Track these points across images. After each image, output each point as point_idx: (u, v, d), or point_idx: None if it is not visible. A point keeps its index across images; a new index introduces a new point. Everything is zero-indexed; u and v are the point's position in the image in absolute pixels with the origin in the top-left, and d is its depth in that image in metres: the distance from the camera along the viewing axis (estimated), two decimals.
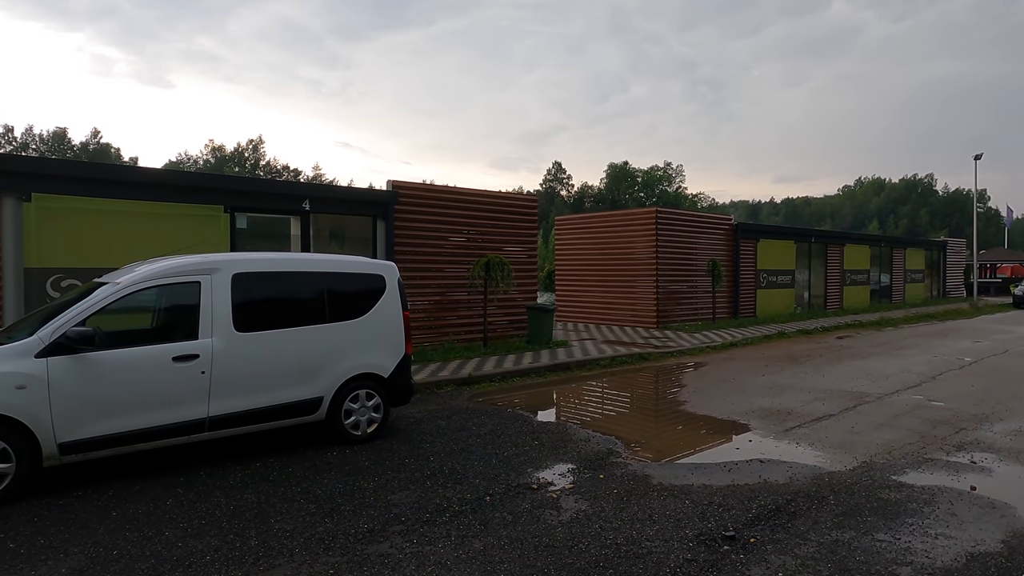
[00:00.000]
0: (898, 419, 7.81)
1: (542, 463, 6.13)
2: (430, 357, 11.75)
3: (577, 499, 5.16)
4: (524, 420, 7.88)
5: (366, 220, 12.04)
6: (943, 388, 9.71)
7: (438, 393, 9.54)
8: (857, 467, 6.01)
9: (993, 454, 6.41)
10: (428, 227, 12.82)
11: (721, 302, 19.45)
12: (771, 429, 7.42)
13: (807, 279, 23.27)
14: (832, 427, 7.47)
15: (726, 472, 5.85)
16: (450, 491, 5.34)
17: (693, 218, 19.50)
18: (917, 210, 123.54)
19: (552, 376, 11.07)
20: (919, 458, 6.28)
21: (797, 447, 6.69)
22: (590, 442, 6.90)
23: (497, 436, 7.09)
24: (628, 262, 18.34)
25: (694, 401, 9.06)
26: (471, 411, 8.37)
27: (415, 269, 12.61)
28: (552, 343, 13.71)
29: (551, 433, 7.26)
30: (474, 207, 13.73)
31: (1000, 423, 7.61)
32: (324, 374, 6.52)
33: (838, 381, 10.29)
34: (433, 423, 7.71)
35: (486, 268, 12.65)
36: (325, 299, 6.62)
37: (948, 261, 32.82)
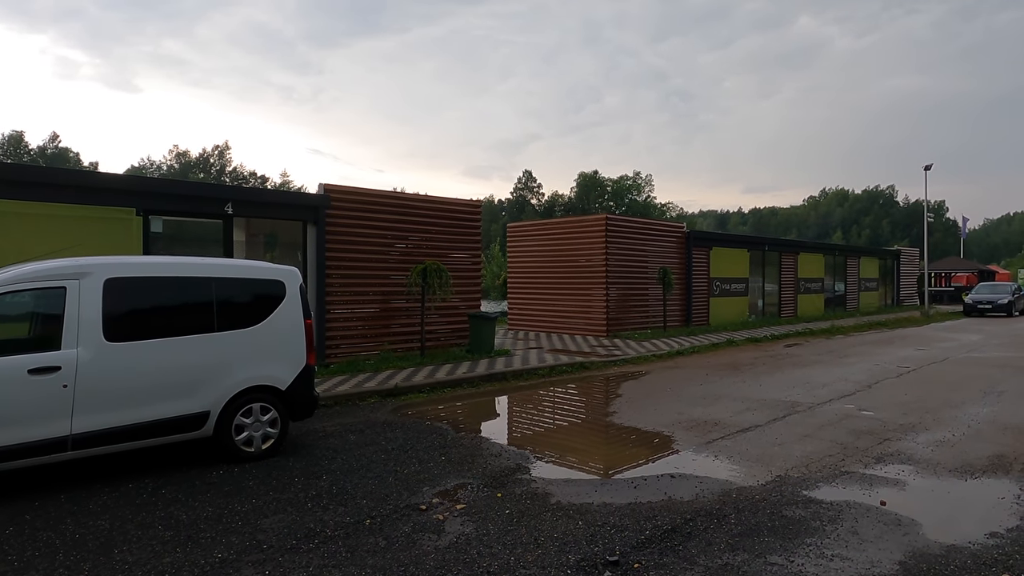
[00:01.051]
0: (823, 430, 7.62)
1: (441, 481, 5.76)
2: (362, 367, 11.31)
3: (464, 521, 4.80)
4: (440, 433, 7.51)
5: (296, 225, 11.58)
6: (876, 397, 9.58)
7: (360, 405, 9.12)
8: (770, 482, 5.75)
9: (911, 466, 6.22)
10: (365, 233, 12.40)
11: (673, 310, 19.32)
12: (693, 441, 7.15)
13: (761, 287, 23.32)
14: (756, 439, 7.24)
15: (632, 489, 5.55)
16: (330, 514, 4.94)
17: (645, 226, 19.37)
18: (879, 220, 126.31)
19: (486, 387, 10.71)
20: (836, 471, 6.05)
21: (714, 461, 6.43)
22: (500, 457, 6.55)
23: (405, 451, 6.71)
24: (579, 270, 18.11)
25: (623, 412, 8.78)
26: (388, 424, 7.97)
27: (351, 276, 12.18)
28: (494, 352, 13.36)
29: (463, 447, 6.90)
30: (415, 212, 13.35)
31: (925, 433, 7.46)
32: (211, 387, 6.06)
33: (774, 390, 10.12)
34: (342, 438, 7.30)
35: (423, 275, 12.27)
36: (214, 306, 6.17)
37: (902, 270, 33.32)
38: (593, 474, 6.09)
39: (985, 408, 8.76)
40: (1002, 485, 5.64)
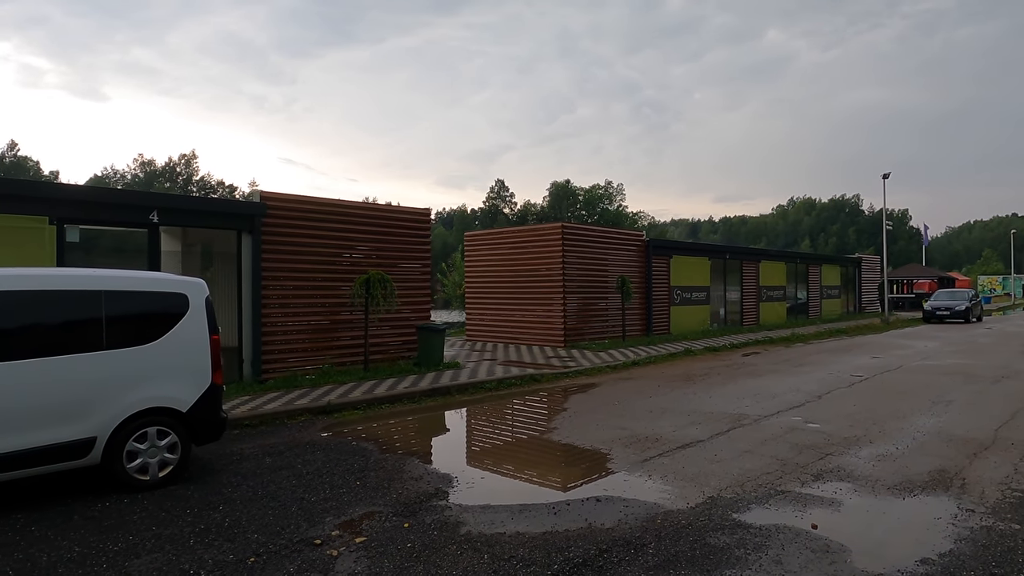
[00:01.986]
0: (766, 444, 7.33)
1: (349, 509, 5.32)
2: (300, 383, 10.80)
3: (358, 558, 4.37)
4: (364, 455, 7.06)
5: (230, 234, 11.05)
6: (825, 408, 9.36)
7: (288, 424, 8.62)
8: (701, 503, 5.42)
9: (850, 483, 5.94)
10: (307, 242, 11.91)
11: (633, 320, 19.08)
12: (630, 459, 6.81)
13: (723, 295, 23.24)
14: (694, 455, 6.91)
15: (552, 515, 5.16)
16: (212, 551, 4.47)
17: (603, 234, 19.13)
18: (845, 229, 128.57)
19: (428, 402, 10.28)
20: (771, 490, 5.74)
21: (647, 481, 6.08)
22: (421, 480, 6.13)
23: (320, 476, 6.25)
24: (536, 280, 17.78)
25: (564, 428, 8.42)
26: (312, 445, 7.50)
27: (291, 287, 11.67)
28: (443, 365, 12.92)
29: (384, 470, 6.46)
30: (362, 221, 12.90)
31: (868, 447, 7.21)
32: (98, 410, 5.55)
33: (723, 402, 9.84)
34: (257, 461, 6.81)
35: (366, 286, 11.81)
36: (102, 322, 5.67)
37: (863, 277, 33.65)
38: (515, 499, 5.69)
39: (932, 419, 8.57)
40: (940, 504, 5.38)
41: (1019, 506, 5.28)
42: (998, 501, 5.40)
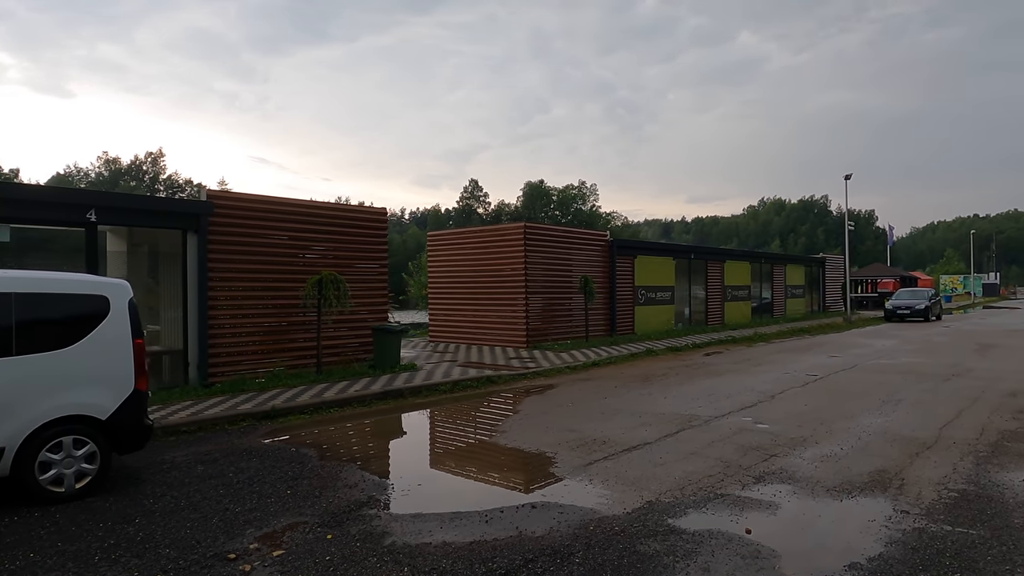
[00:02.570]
0: (713, 446, 7.27)
1: (273, 520, 5.11)
2: (247, 387, 10.50)
3: (272, 572, 4.17)
4: (301, 462, 6.83)
5: (175, 234, 10.71)
6: (776, 408, 9.36)
7: (228, 430, 8.34)
8: (637, 509, 5.31)
9: (791, 485, 5.89)
10: (258, 242, 11.61)
11: (597, 320, 19.04)
12: (574, 463, 6.69)
13: (687, 295, 23.33)
14: (639, 458, 6.82)
15: (483, 524, 5.01)
16: (117, 569, 4.23)
17: (566, 234, 19.05)
18: (814, 229, 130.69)
19: (378, 405, 10.06)
20: (711, 494, 5.66)
21: (587, 486, 5.96)
22: (355, 488, 5.93)
23: (251, 485, 6.02)
24: (499, 280, 17.63)
25: (513, 431, 8.27)
26: (249, 452, 7.25)
27: (241, 288, 11.36)
28: (399, 367, 12.70)
29: (319, 477, 6.25)
30: (317, 221, 12.61)
31: (814, 447, 7.19)
32: (6, 419, 5.26)
33: (677, 403, 9.79)
34: (188, 470, 6.55)
35: (318, 286, 11.54)
36: (12, 325, 5.37)
37: (827, 277, 34.13)
38: (449, 506, 5.53)
39: (880, 418, 8.61)
40: (876, 505, 5.34)
41: (953, 507, 5.27)
42: (933, 502, 5.38)
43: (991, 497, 5.50)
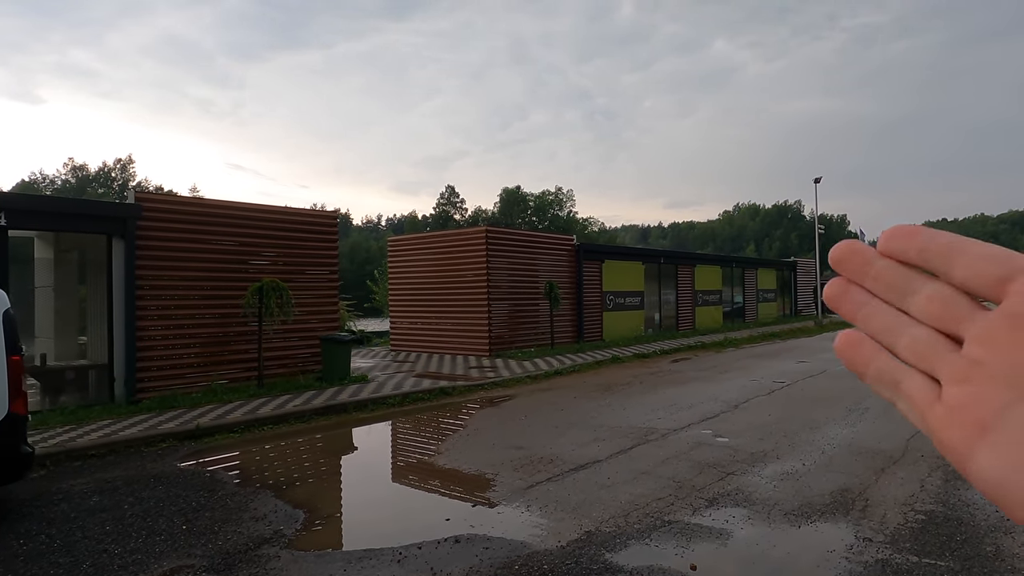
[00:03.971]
0: (667, 464, 6.73)
1: (153, 565, 4.45)
2: (178, 403, 9.76)
3: None
4: (212, 489, 6.16)
5: (100, 239, 9.96)
6: (738, 419, 8.86)
7: (144, 453, 7.62)
8: (573, 541, 4.74)
9: (746, 509, 5.36)
10: (197, 248, 10.89)
11: (564, 326, 18.51)
12: (513, 486, 6.10)
13: (657, 300, 22.92)
14: (585, 480, 6.25)
15: (394, 564, 4.40)
16: None
17: (530, 239, 18.52)
18: (788, 233, 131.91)
19: (319, 421, 9.39)
20: (657, 521, 5.11)
21: (523, 514, 5.37)
22: (261, 521, 5.28)
23: (145, 519, 5.34)
24: (460, 286, 17.02)
25: (456, 449, 7.66)
26: (157, 478, 6.55)
27: (177, 298, 10.62)
28: (348, 379, 12.02)
29: (224, 508, 5.59)
30: (263, 226, 11.92)
31: (774, 463, 6.69)
32: None
33: (636, 415, 9.26)
34: (79, 502, 5.84)
35: (259, 294, 10.84)
36: None
37: (799, 280, 34.04)
38: (362, 541, 4.91)
39: (845, 429, 8.15)
40: (837, 532, 4.83)
41: (920, 532, 4.77)
42: (899, 527, 4.88)
43: (961, 519, 5.02)
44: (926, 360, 0.34)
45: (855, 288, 0.37)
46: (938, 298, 0.34)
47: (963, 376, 0.32)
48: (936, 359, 0.34)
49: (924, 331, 0.34)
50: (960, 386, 0.32)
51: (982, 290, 0.32)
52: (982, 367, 0.32)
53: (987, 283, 0.32)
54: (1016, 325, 0.30)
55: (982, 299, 0.33)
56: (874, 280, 0.36)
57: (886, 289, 0.36)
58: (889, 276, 0.36)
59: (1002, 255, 0.32)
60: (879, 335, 0.36)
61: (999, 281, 0.31)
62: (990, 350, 0.31)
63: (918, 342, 0.34)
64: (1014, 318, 0.30)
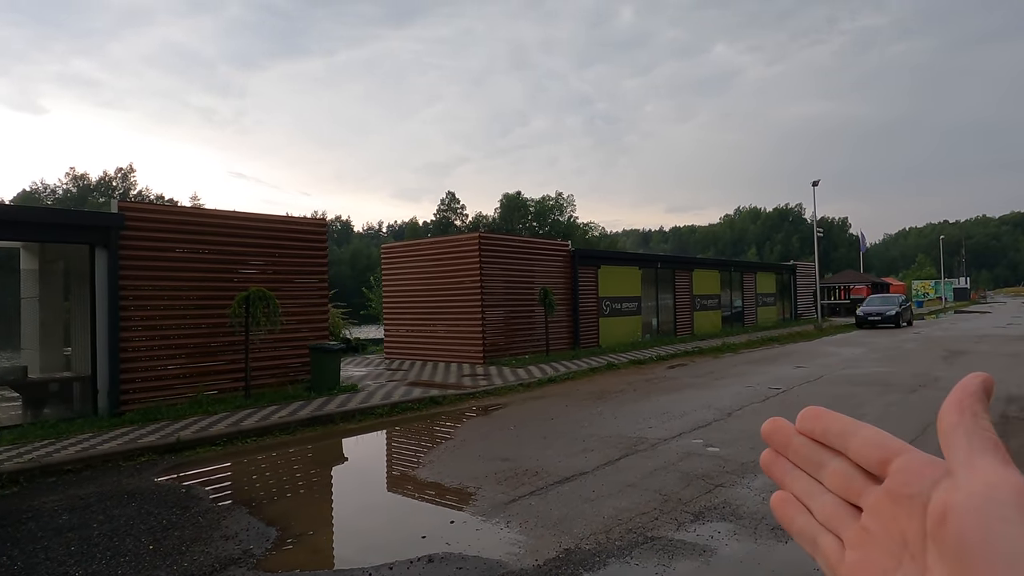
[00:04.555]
0: (654, 476, 6.56)
1: None
2: (161, 415, 9.60)
3: None
4: (186, 506, 6.00)
5: (83, 249, 9.83)
6: (730, 428, 8.68)
7: (122, 467, 7.47)
8: (551, 560, 4.57)
9: (732, 523, 5.19)
10: (183, 257, 10.75)
11: (560, 333, 18.33)
12: (495, 500, 5.94)
13: (655, 305, 22.74)
14: (568, 493, 6.08)
15: None
16: None
17: (525, 244, 18.36)
18: (789, 237, 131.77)
19: (304, 433, 9.23)
20: (640, 537, 4.94)
21: (502, 530, 5.20)
22: (231, 540, 5.12)
23: (112, 538, 5.18)
24: (454, 293, 16.86)
25: (441, 461, 7.49)
26: (132, 495, 6.39)
27: (162, 308, 10.48)
28: (337, 388, 11.86)
29: (194, 527, 5.43)
30: (249, 234, 11.79)
31: (764, 474, 6.49)
32: None
33: (626, 424, 9.09)
34: (48, 520, 5.69)
35: (246, 304, 10.70)
36: None
37: (798, 284, 33.83)
38: (331, 562, 4.75)
39: None
40: None
41: None
42: None
43: None
44: (832, 524, 0.39)
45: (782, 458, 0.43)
46: (840, 473, 0.39)
47: (857, 542, 0.37)
48: (840, 524, 0.39)
49: (832, 499, 0.40)
50: (855, 551, 0.37)
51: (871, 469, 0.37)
52: (870, 536, 0.36)
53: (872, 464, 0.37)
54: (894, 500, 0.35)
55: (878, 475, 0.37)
56: (794, 453, 0.42)
57: (803, 461, 0.42)
58: (804, 451, 0.41)
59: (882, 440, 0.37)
60: (801, 498, 0.42)
61: (880, 463, 0.36)
62: (875, 521, 0.36)
63: (826, 507, 0.40)
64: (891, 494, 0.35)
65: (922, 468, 0.35)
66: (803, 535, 0.41)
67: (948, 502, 0.32)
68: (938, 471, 0.34)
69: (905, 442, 0.36)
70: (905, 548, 0.34)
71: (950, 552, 0.31)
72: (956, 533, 0.30)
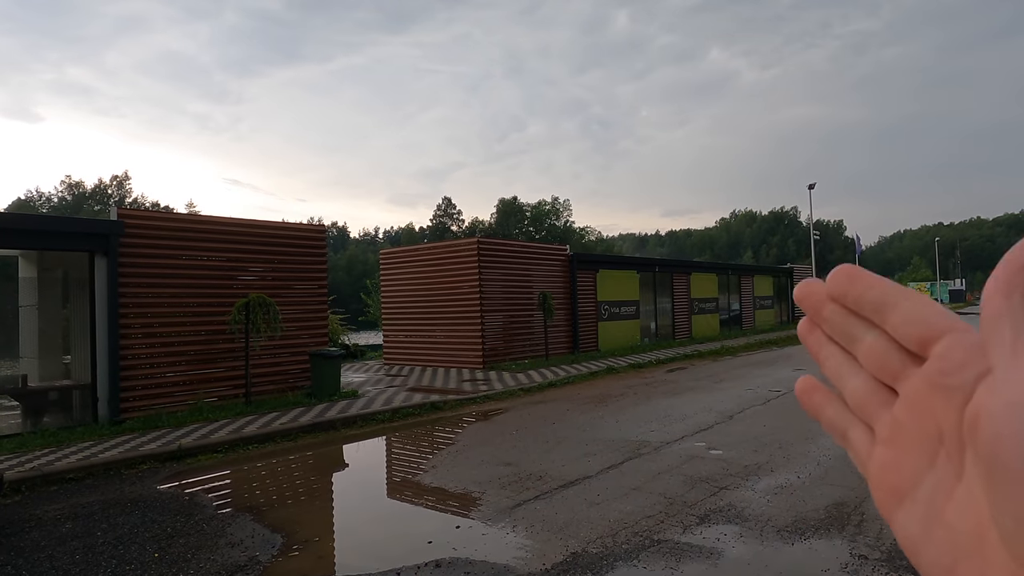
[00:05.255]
0: (658, 479, 6.56)
1: None
2: (162, 423, 9.57)
3: None
4: (190, 513, 5.98)
5: (82, 257, 9.82)
6: (732, 431, 8.70)
7: (124, 475, 7.44)
8: (558, 564, 4.57)
9: (738, 526, 5.19)
10: (182, 264, 10.73)
11: (559, 337, 18.34)
12: (500, 504, 5.93)
13: (653, 309, 22.77)
14: (574, 497, 6.08)
15: None
16: None
17: (523, 249, 18.39)
18: (785, 240, 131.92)
19: (306, 439, 9.20)
20: (646, 540, 4.94)
21: (508, 534, 5.20)
22: (237, 547, 5.10)
23: (116, 547, 5.16)
24: (453, 298, 16.87)
25: (443, 466, 7.48)
26: (135, 503, 6.37)
27: (162, 315, 10.45)
28: (338, 394, 11.84)
29: (199, 535, 5.41)
30: (249, 241, 11.78)
31: (768, 476, 6.52)
32: None
33: (628, 427, 9.09)
34: (51, 529, 5.66)
35: (246, 311, 10.68)
36: None
37: (795, 287, 33.87)
38: (341, 568, 4.74)
39: None
40: (831, 549, 4.66)
41: None
42: (895, 543, 4.70)
43: None
44: (864, 412, 0.34)
45: (817, 329, 0.37)
46: (876, 350, 0.33)
47: (888, 437, 0.32)
48: (872, 413, 0.33)
49: (865, 381, 0.34)
50: (884, 447, 0.32)
51: (911, 348, 0.31)
52: (903, 430, 0.31)
53: (912, 343, 0.31)
54: (932, 389, 0.30)
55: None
56: (827, 323, 0.36)
57: (837, 333, 0.35)
58: (837, 321, 0.35)
59: (927, 315, 0.30)
60: (833, 379, 0.36)
61: (922, 343, 0.30)
62: (909, 412, 0.31)
63: (858, 392, 0.34)
64: (929, 382, 0.30)
65: (968, 355, 0.29)
66: (833, 426, 0.36)
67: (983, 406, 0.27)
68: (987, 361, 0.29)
69: (956, 316, 0.30)
70: (941, 445, 0.30)
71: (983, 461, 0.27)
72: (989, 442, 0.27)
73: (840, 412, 0.35)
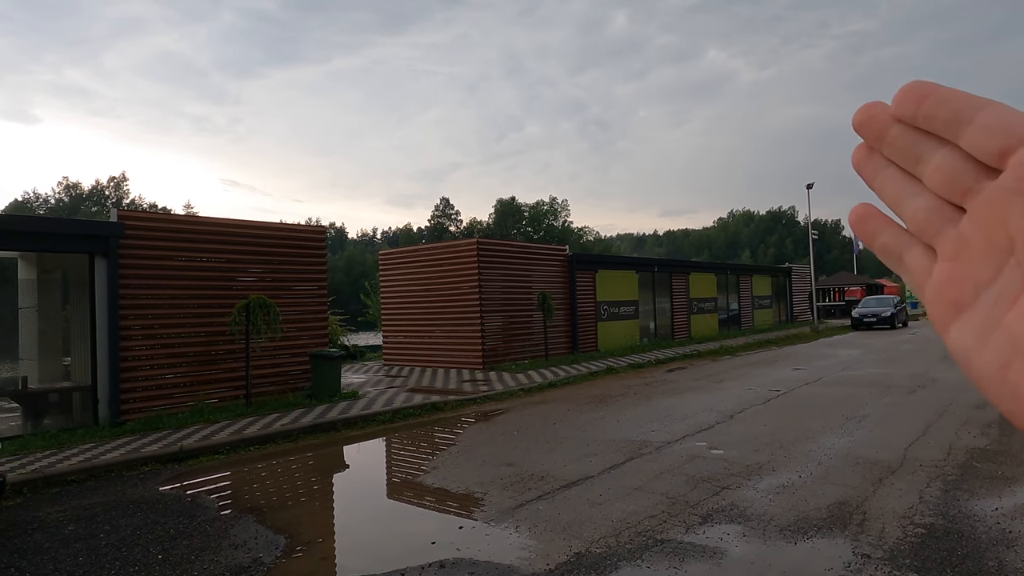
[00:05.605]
0: (660, 478, 6.58)
1: None
2: (163, 424, 9.57)
3: None
4: (192, 515, 5.98)
5: (82, 258, 9.81)
6: (733, 430, 8.71)
7: (125, 477, 7.43)
8: (562, 564, 4.58)
9: (740, 525, 5.20)
10: (182, 265, 10.73)
11: (558, 337, 18.35)
12: (502, 505, 5.94)
13: (652, 309, 22.79)
14: (576, 497, 6.09)
15: None
16: None
17: (523, 249, 18.40)
18: (783, 240, 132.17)
19: (307, 440, 9.20)
20: (649, 540, 4.95)
21: (511, 535, 5.21)
22: (240, 549, 5.10)
23: (119, 548, 5.16)
24: (453, 298, 16.87)
25: (445, 467, 7.49)
26: (138, 504, 6.37)
27: (162, 317, 10.45)
28: (338, 395, 11.84)
29: (203, 536, 5.41)
30: (249, 242, 11.77)
31: (770, 476, 6.54)
32: None
33: (629, 427, 9.11)
34: (54, 531, 5.66)
35: (246, 312, 10.68)
36: None
37: (794, 286, 33.97)
38: (344, 569, 4.75)
39: (842, 438, 8.01)
40: (834, 548, 4.68)
41: (920, 547, 4.62)
42: (898, 541, 4.73)
43: (961, 532, 4.87)
44: (926, 232, 0.33)
45: (876, 154, 0.36)
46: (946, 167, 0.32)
47: (952, 253, 0.32)
48: (935, 232, 0.33)
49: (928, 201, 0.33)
50: (947, 263, 0.32)
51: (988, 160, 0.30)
52: (969, 245, 0.31)
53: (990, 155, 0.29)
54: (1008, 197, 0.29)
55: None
56: (890, 146, 0.35)
57: (901, 156, 0.34)
58: (902, 142, 0.34)
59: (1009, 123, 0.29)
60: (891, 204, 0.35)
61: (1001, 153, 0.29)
62: (978, 225, 0.30)
63: (921, 212, 0.33)
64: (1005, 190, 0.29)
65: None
66: (888, 251, 0.35)
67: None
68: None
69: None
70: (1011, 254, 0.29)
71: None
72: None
73: (897, 235, 0.35)
